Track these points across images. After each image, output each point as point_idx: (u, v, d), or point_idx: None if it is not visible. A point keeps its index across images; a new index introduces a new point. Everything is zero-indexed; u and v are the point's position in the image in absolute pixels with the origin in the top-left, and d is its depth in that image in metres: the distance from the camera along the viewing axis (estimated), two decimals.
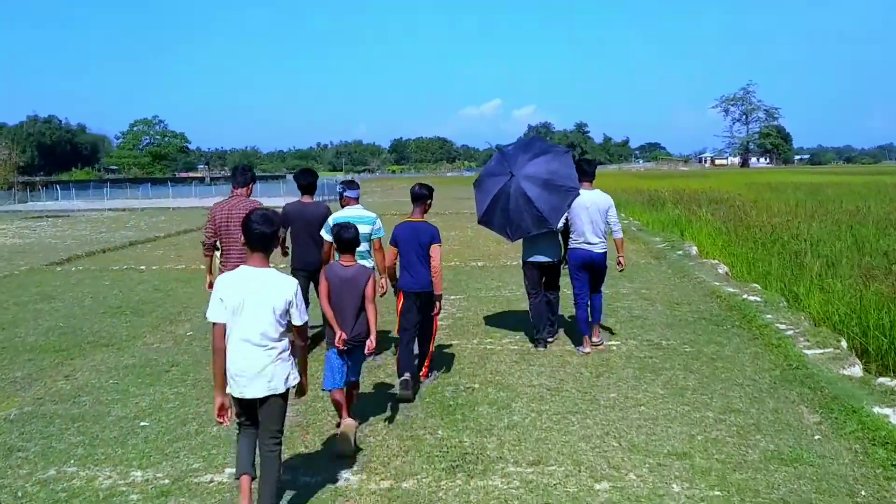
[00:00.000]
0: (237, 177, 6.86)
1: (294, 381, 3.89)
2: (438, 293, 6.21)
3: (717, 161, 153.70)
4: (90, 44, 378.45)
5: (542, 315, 7.43)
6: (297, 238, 7.20)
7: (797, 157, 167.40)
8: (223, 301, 3.67)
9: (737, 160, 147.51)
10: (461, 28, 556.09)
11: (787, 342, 7.23)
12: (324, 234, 6.55)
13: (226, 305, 3.66)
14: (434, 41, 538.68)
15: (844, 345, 7.39)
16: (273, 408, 3.81)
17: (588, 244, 7.18)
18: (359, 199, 6.97)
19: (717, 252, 14.51)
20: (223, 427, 5.20)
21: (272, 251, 3.85)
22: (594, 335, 7.38)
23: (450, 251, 14.53)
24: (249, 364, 3.69)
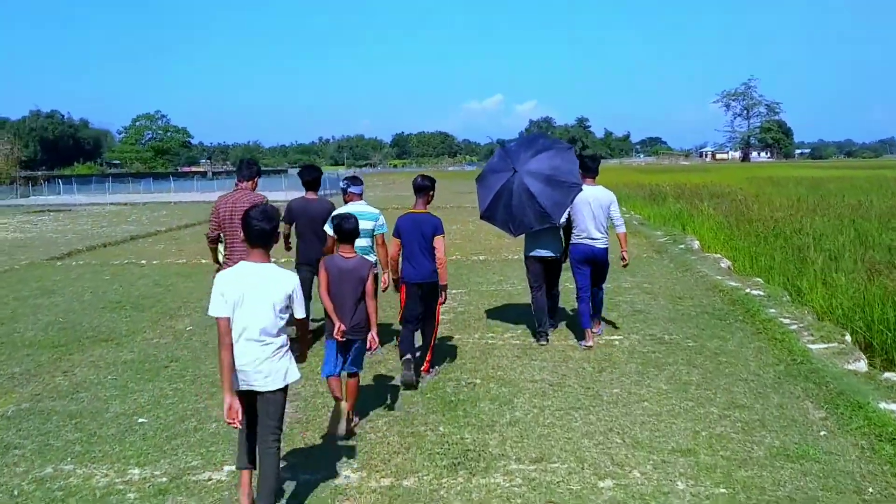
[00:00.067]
0: (243, 170, 6.80)
1: (293, 378, 3.86)
2: (444, 283, 6.23)
3: (718, 155, 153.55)
4: (93, 39, 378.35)
5: (544, 309, 7.42)
6: (302, 234, 7.15)
7: (798, 152, 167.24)
8: (224, 296, 3.65)
9: (737, 154, 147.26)
10: (462, 23, 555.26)
11: (791, 337, 7.17)
12: (327, 230, 6.50)
13: (226, 300, 3.65)
14: (435, 36, 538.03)
15: (849, 339, 7.33)
16: (272, 403, 3.79)
17: (590, 239, 7.18)
18: (362, 195, 6.95)
19: (720, 246, 14.43)
20: (222, 424, 5.19)
21: (272, 247, 3.83)
22: (595, 326, 7.36)
23: (451, 245, 14.45)
24: (248, 359, 3.68)
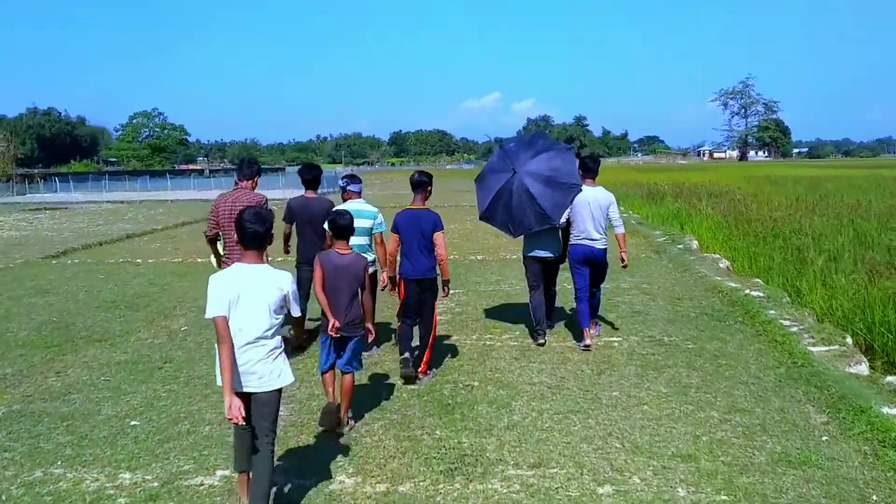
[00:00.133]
0: (243, 169, 6.73)
1: (286, 381, 3.83)
2: (446, 278, 6.25)
3: (716, 154, 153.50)
4: (91, 37, 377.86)
5: (542, 308, 7.39)
6: (302, 233, 7.08)
7: (795, 151, 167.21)
8: (220, 296, 3.63)
9: (735, 153, 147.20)
10: (460, 22, 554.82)
11: (792, 339, 7.10)
12: (327, 228, 6.46)
13: (223, 299, 3.63)
14: (433, 35, 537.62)
15: (850, 342, 7.25)
16: (266, 405, 3.77)
17: (590, 240, 7.15)
18: (361, 194, 6.92)
19: (718, 246, 14.35)
20: (216, 427, 5.13)
21: (266, 248, 3.82)
22: (592, 328, 7.32)
23: (449, 244, 14.26)
24: (242, 361, 3.66)
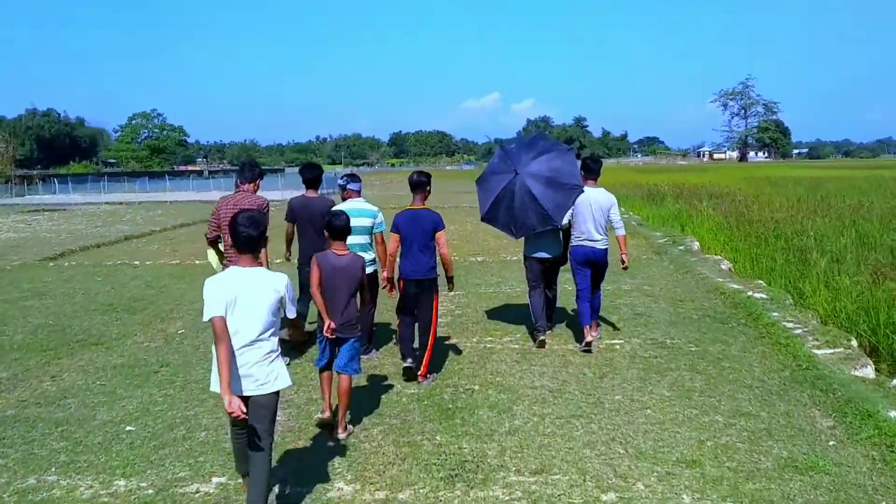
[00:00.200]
0: (245, 172, 6.67)
1: (283, 384, 3.79)
2: (450, 275, 6.36)
3: (716, 155, 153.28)
4: (90, 38, 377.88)
5: (541, 307, 7.36)
6: (303, 233, 7.02)
7: (795, 152, 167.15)
8: (217, 298, 3.59)
9: (735, 154, 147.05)
10: (460, 22, 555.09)
11: (796, 341, 7.02)
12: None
13: (220, 301, 3.59)
14: (433, 35, 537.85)
15: (855, 344, 7.17)
16: (263, 408, 3.73)
17: (591, 241, 7.11)
18: (360, 192, 6.88)
19: (720, 247, 14.27)
20: (212, 433, 5.05)
21: (260, 252, 3.81)
22: (593, 330, 7.25)
23: (449, 245, 14.29)
24: (239, 363, 3.62)
